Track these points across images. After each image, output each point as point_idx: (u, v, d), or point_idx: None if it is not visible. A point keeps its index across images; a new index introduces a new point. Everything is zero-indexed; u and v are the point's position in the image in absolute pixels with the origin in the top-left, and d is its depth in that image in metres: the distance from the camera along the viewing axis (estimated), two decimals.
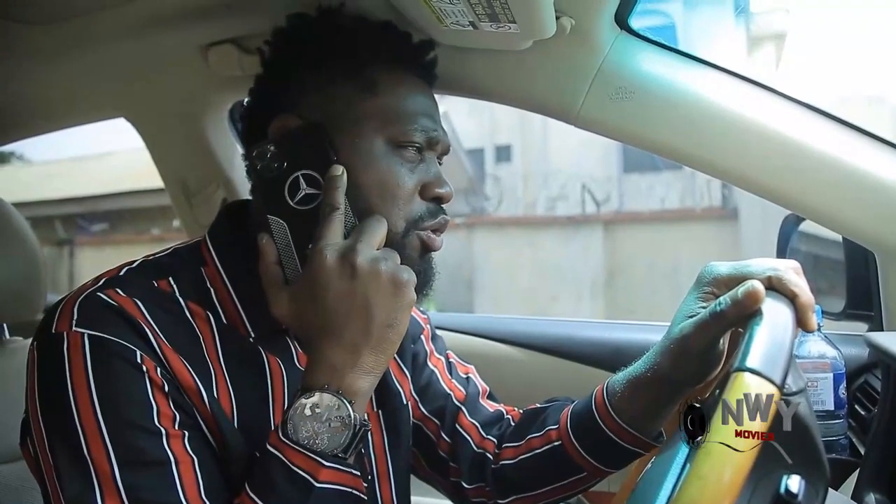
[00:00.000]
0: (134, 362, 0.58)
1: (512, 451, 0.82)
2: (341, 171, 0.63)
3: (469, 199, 8.26)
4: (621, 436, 0.73)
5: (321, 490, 0.55)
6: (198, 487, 0.57)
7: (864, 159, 0.83)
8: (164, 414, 0.58)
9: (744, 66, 5.90)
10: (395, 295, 0.60)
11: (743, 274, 0.62)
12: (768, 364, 0.49)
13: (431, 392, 0.86)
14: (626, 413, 0.73)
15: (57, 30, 0.96)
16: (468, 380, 0.89)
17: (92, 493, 0.55)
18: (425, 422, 0.85)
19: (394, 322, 0.60)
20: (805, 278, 0.61)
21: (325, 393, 0.57)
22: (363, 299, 0.59)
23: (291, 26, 0.73)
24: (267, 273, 0.63)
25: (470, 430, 0.84)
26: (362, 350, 0.59)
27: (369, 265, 0.59)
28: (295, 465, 0.55)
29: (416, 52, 0.75)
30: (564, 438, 0.77)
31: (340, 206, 0.62)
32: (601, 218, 7.72)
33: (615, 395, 0.74)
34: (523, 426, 0.83)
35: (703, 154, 0.85)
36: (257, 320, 0.67)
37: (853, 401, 0.94)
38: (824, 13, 7.46)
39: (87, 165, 8.74)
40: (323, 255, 0.59)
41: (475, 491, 0.83)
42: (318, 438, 0.56)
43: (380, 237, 0.62)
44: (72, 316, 0.59)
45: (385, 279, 0.59)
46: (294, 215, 0.64)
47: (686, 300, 0.66)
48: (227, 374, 0.64)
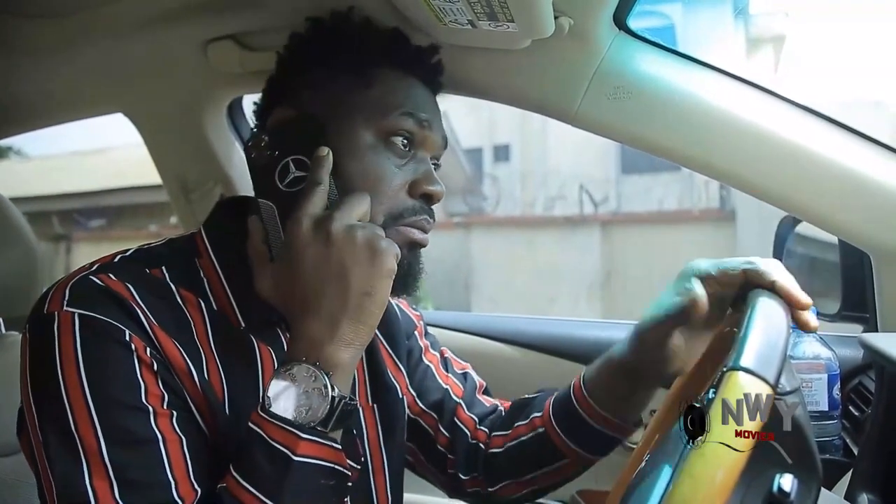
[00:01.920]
0: (123, 341, 0.58)
1: (500, 440, 0.84)
2: (327, 151, 0.64)
3: (467, 199, 8.26)
4: (598, 420, 0.77)
5: (300, 464, 0.55)
6: (185, 467, 0.58)
7: (860, 161, 0.83)
8: (153, 393, 0.58)
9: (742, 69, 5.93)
10: (371, 262, 0.59)
11: (720, 270, 0.65)
12: (762, 363, 0.49)
13: (428, 387, 0.87)
14: (601, 398, 0.76)
15: (56, 24, 0.95)
16: (465, 376, 0.91)
17: (80, 471, 0.55)
18: (423, 416, 0.86)
19: (371, 290, 0.59)
20: (792, 277, 0.62)
21: (302, 364, 0.57)
22: (338, 266, 0.58)
23: (307, 32, 0.75)
24: (254, 252, 0.64)
25: (467, 424, 0.86)
26: (340, 320, 0.58)
27: (344, 231, 0.59)
28: (274, 440, 0.55)
29: (422, 58, 0.76)
30: (547, 425, 0.81)
31: (324, 183, 0.63)
32: (599, 218, 7.73)
33: (590, 382, 0.78)
34: (511, 416, 0.86)
35: (699, 155, 0.86)
36: (248, 311, 0.67)
37: (847, 402, 0.95)
38: (823, 16, 7.48)
39: (84, 161, 8.71)
40: (299, 223, 0.60)
41: (470, 481, 0.85)
42: (295, 412, 0.56)
43: (360, 211, 0.62)
44: (63, 297, 0.59)
45: (361, 245, 0.59)
46: (282, 197, 0.64)
47: (664, 295, 0.68)
48: (217, 359, 0.64)
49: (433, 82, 0.77)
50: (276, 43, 0.76)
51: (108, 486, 0.55)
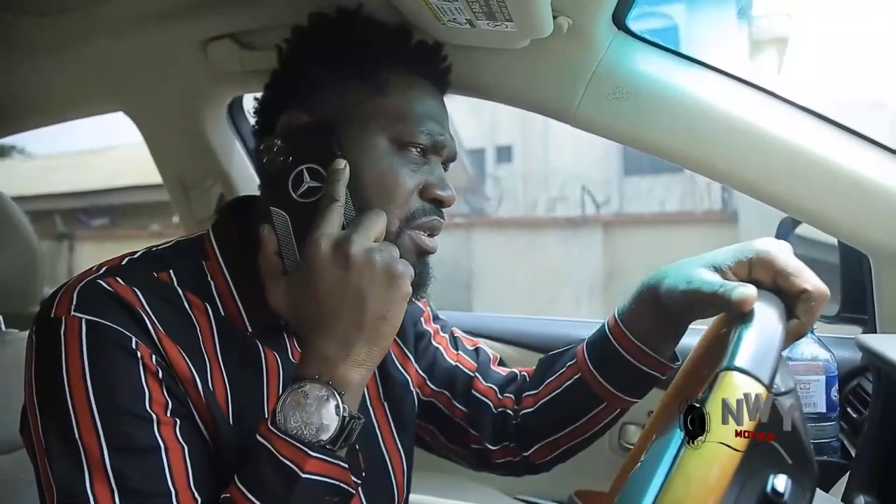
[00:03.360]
0: (129, 349, 0.58)
1: (531, 399, 0.82)
2: (344, 164, 0.63)
3: (469, 199, 8.27)
4: (635, 355, 0.74)
5: (307, 481, 0.55)
6: (187, 476, 0.58)
7: (859, 162, 0.83)
8: (157, 401, 0.58)
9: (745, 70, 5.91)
10: (389, 286, 0.59)
11: (737, 262, 0.62)
12: (757, 363, 0.49)
13: (438, 367, 0.86)
14: (637, 329, 0.74)
15: (57, 22, 0.96)
16: (477, 351, 0.90)
17: (81, 477, 0.55)
18: (437, 397, 0.86)
19: (387, 314, 0.59)
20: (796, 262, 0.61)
21: (315, 383, 0.57)
22: (356, 290, 0.58)
23: (309, 25, 0.74)
24: (266, 263, 0.64)
25: (487, 394, 0.85)
26: (355, 342, 0.58)
27: (363, 255, 0.59)
28: (282, 455, 0.55)
29: (429, 57, 0.76)
30: (583, 368, 0.78)
31: (340, 199, 0.62)
32: (601, 220, 7.73)
33: (625, 313, 0.75)
34: (541, 373, 0.84)
35: (698, 155, 0.86)
36: (255, 315, 0.67)
37: (846, 404, 0.95)
38: (827, 18, 7.47)
39: (88, 160, 8.74)
40: (318, 244, 0.59)
41: (500, 452, 0.84)
42: (306, 429, 0.56)
43: (377, 230, 0.62)
44: (71, 301, 0.59)
45: (379, 270, 0.59)
46: (296, 207, 0.64)
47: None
48: (223, 366, 0.64)
49: (441, 82, 0.77)
50: (276, 41, 0.76)
51: (109, 493, 0.55)
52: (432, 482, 1.15)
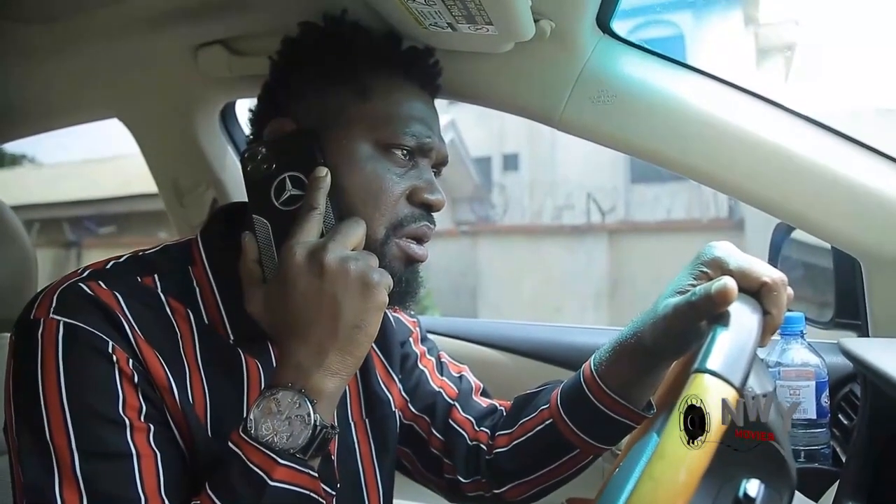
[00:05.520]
0: (105, 352, 0.58)
1: (505, 439, 0.82)
2: (325, 172, 0.63)
3: (475, 207, 8.26)
4: (609, 405, 0.73)
5: (275, 489, 0.55)
6: (157, 483, 0.57)
7: (849, 167, 0.82)
8: (131, 405, 0.58)
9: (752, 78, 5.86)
10: (363, 295, 0.59)
11: (738, 266, 0.62)
12: (728, 366, 0.48)
13: (421, 391, 0.86)
14: (613, 380, 0.73)
15: (48, 29, 0.97)
16: (461, 378, 0.89)
17: (50, 479, 0.55)
18: (417, 421, 0.85)
19: (361, 323, 0.59)
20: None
21: (288, 391, 0.57)
22: (330, 298, 0.58)
23: (298, 34, 0.75)
24: (246, 270, 0.64)
25: (464, 425, 0.84)
26: (329, 350, 0.58)
27: (338, 264, 0.59)
28: (251, 462, 0.55)
29: (416, 60, 0.75)
30: (555, 415, 0.78)
31: (319, 207, 0.62)
32: (606, 227, 7.70)
33: (602, 364, 0.74)
34: (515, 412, 0.83)
35: (685, 159, 0.85)
36: (238, 322, 0.67)
37: (838, 410, 0.93)
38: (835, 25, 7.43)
39: (96, 168, 8.81)
40: (292, 252, 0.60)
41: (472, 485, 0.83)
42: (276, 436, 0.56)
43: (355, 239, 0.62)
44: (51, 304, 0.59)
45: (353, 278, 0.59)
46: (278, 215, 0.64)
47: (680, 274, 0.66)
48: (203, 374, 0.64)
49: (431, 86, 0.77)
50: (265, 47, 0.77)
51: (78, 497, 0.55)
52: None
